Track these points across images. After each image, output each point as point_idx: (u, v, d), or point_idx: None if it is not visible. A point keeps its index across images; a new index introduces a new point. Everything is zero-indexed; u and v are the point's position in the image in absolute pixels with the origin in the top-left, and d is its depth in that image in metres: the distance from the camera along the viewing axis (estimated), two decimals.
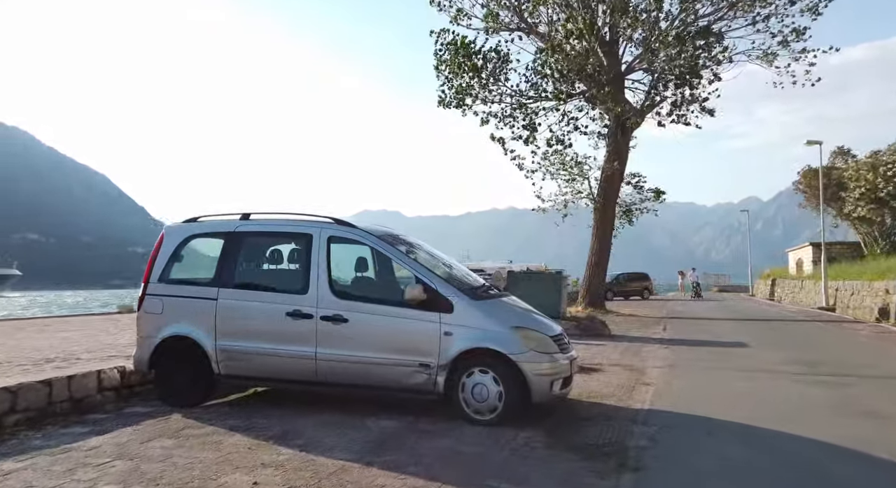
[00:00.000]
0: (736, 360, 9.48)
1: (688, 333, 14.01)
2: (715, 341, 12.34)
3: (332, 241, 5.64)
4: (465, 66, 19.28)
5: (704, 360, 9.48)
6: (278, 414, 5.43)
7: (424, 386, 5.26)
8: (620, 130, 19.85)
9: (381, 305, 5.38)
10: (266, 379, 5.68)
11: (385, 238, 5.69)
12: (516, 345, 5.16)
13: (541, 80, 19.45)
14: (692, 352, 10.50)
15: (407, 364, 5.25)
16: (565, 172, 21.21)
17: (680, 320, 18.35)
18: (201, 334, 5.63)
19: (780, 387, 7.16)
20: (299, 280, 5.59)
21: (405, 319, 5.31)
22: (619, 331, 14.09)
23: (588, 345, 11.35)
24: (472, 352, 5.19)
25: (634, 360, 9.41)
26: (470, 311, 5.29)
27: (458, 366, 5.20)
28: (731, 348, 11.09)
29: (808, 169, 31.07)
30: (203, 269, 5.89)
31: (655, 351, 10.68)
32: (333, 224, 5.76)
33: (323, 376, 5.44)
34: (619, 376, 7.89)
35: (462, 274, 6.42)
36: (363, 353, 5.33)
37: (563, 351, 5.50)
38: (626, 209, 22.21)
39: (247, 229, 5.93)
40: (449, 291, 5.34)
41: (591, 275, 20.53)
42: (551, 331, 5.55)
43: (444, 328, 5.23)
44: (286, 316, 5.46)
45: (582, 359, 9.37)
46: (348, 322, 5.38)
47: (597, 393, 6.73)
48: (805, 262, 34.66)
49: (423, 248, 6.58)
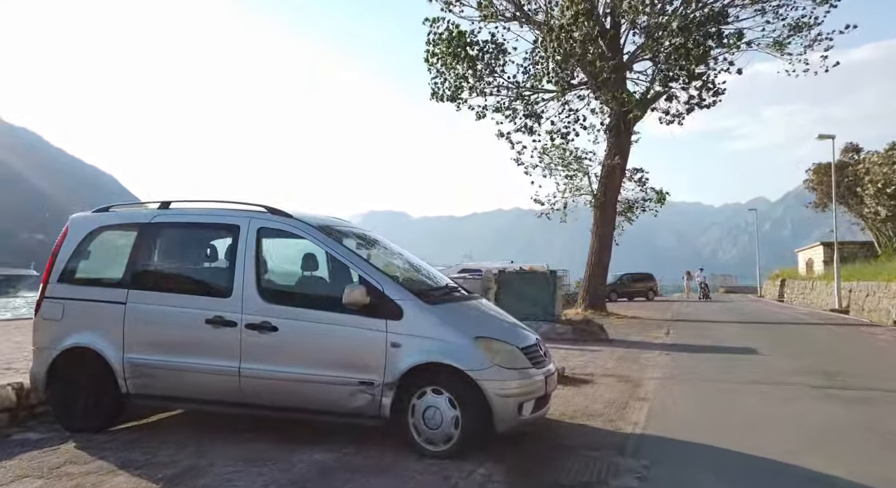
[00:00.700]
0: (745, 370, 8.52)
1: (692, 338, 13.03)
2: (721, 347, 11.36)
3: (262, 234, 4.74)
4: (459, 57, 18.39)
5: (709, 370, 8.52)
6: (196, 443, 4.53)
7: (367, 410, 4.36)
8: (622, 124, 18.88)
9: (318, 311, 4.47)
10: (182, 399, 4.77)
11: (326, 229, 4.78)
12: (477, 359, 4.25)
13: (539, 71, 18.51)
14: (696, 360, 9.54)
15: (346, 382, 4.35)
16: (564, 168, 20.26)
17: (685, 323, 17.36)
18: (106, 345, 4.74)
19: (797, 404, 6.20)
20: (223, 280, 4.70)
21: (344, 327, 4.40)
22: (617, 335, 13.13)
23: (582, 351, 10.41)
24: (424, 367, 4.28)
25: (631, 370, 8.46)
26: (423, 318, 4.38)
27: (407, 385, 4.30)
28: (739, 355, 10.12)
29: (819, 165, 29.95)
30: (113, 268, 4.99)
31: (655, 358, 9.73)
32: (265, 213, 4.86)
33: (248, 396, 4.54)
34: (611, 389, 6.96)
35: (425, 274, 5.52)
36: (294, 369, 4.44)
37: (536, 365, 4.57)
38: (627, 206, 21.24)
39: (164, 220, 5.03)
40: (398, 293, 4.43)
41: (592, 275, 19.58)
42: (523, 342, 4.63)
43: (391, 338, 4.33)
44: (205, 323, 4.57)
45: (572, 368, 8.46)
46: (278, 331, 4.48)
47: (582, 411, 5.79)
48: (816, 262, 33.54)
49: (380, 244, 5.68)
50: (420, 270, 5.58)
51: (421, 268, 5.61)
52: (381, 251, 5.63)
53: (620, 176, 19.71)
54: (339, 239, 4.80)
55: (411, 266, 5.63)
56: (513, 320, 5.13)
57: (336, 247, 4.64)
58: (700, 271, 35.09)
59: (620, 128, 18.90)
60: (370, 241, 5.57)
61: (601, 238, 19.47)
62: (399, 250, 5.76)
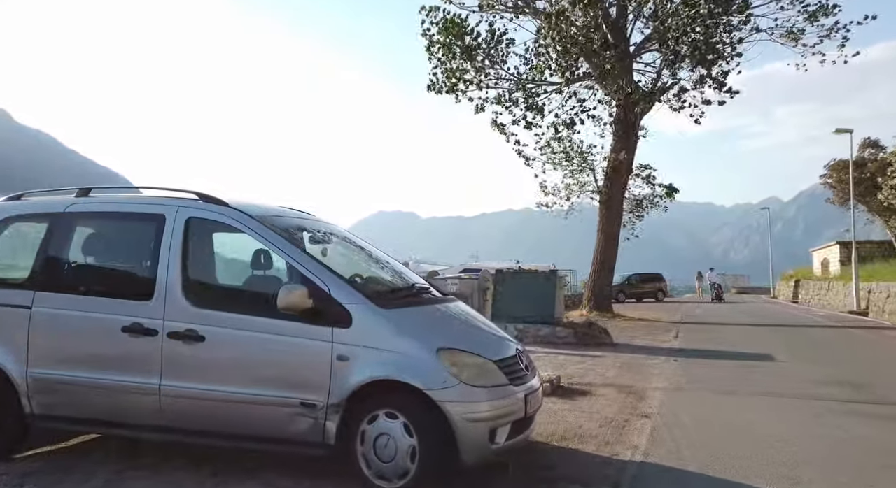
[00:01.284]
0: (762, 380, 7.69)
1: (703, 342, 12.19)
2: (735, 352, 10.52)
3: (192, 225, 4.01)
4: (455, 47, 17.63)
5: (721, 379, 7.70)
6: (106, 474, 3.80)
7: (308, 436, 3.62)
8: (628, 117, 18.03)
9: (252, 317, 3.74)
10: (94, 422, 4.03)
11: (267, 220, 4.03)
12: (438, 376, 3.49)
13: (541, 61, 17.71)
14: (707, 368, 8.72)
15: (284, 402, 3.62)
16: (568, 162, 19.42)
17: (694, 325, 16.49)
18: (8, 357, 4.02)
19: (824, 424, 5.38)
20: (143, 280, 3.97)
21: (282, 337, 3.66)
22: (622, 339, 12.31)
23: (582, 357, 9.62)
24: (376, 385, 3.54)
25: (634, 379, 7.67)
26: (376, 325, 3.63)
27: (355, 407, 3.56)
28: (754, 362, 9.28)
29: (836, 161, 28.86)
30: (19, 266, 4.29)
31: (662, 365, 8.92)
32: (197, 200, 4.13)
33: (170, 419, 3.81)
34: (611, 403, 6.17)
35: (390, 273, 4.78)
36: (223, 387, 3.70)
37: (515, 381, 3.81)
38: (635, 203, 20.37)
39: (79, 210, 4.31)
40: (347, 295, 3.68)
41: (597, 275, 18.76)
42: (497, 353, 3.87)
43: (338, 349, 3.58)
44: (122, 331, 3.84)
45: (569, 377, 7.67)
46: (204, 341, 3.75)
47: (574, 431, 5.02)
48: (831, 262, 32.42)
49: (342, 239, 4.93)
50: (385, 268, 4.84)
51: (388, 265, 4.87)
52: (341, 246, 4.88)
53: (627, 171, 18.86)
54: (284, 231, 4.05)
55: (376, 263, 4.88)
56: (490, 326, 4.37)
57: (277, 241, 3.90)
58: (711, 271, 34.07)
59: (627, 121, 18.05)
60: (328, 236, 4.82)
61: (607, 236, 18.63)
62: (364, 245, 5.01)
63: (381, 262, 4.90)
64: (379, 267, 4.88)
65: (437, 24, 17.81)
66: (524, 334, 11.85)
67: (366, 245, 5.04)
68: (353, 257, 4.91)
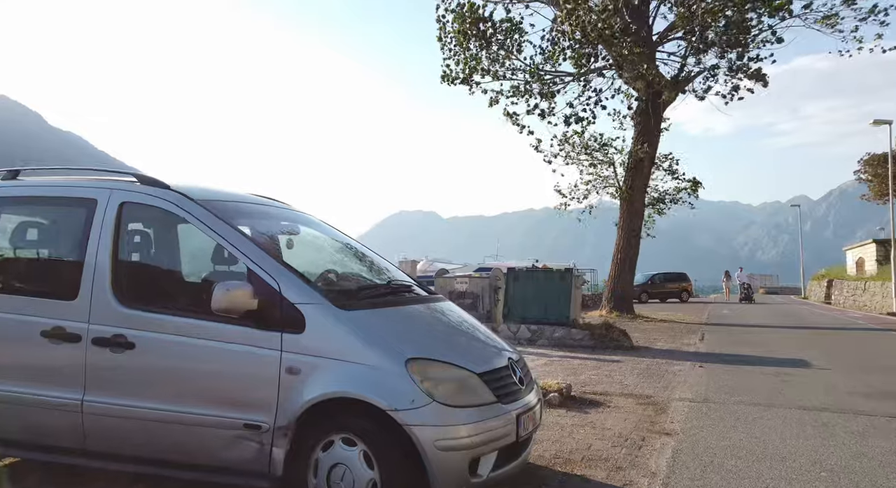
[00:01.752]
0: (799, 390, 6.89)
1: (730, 345, 11.33)
2: (767, 358, 9.67)
3: (127, 211, 3.42)
4: (471, 34, 16.94)
5: (753, 389, 6.90)
6: None
7: (252, 464, 3.00)
8: (651, 107, 17.14)
9: (190, 319, 3.13)
10: (8, 443, 3.46)
11: (216, 206, 3.41)
12: (407, 392, 2.84)
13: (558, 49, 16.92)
14: (736, 375, 7.91)
15: (223, 423, 3.01)
16: (587, 156, 18.58)
17: (722, 327, 15.57)
18: None
19: (875, 447, 4.60)
20: (68, 276, 3.39)
21: (222, 344, 3.06)
22: (643, 342, 11.52)
23: (598, 362, 8.88)
24: (332, 404, 2.91)
25: (655, 387, 6.92)
26: (333, 329, 3.00)
27: (307, 431, 2.94)
28: (789, 369, 8.44)
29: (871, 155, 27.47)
30: None
31: (686, 372, 8.14)
32: (135, 183, 3.54)
33: (94, 442, 3.22)
34: (627, 417, 5.46)
35: (365, 268, 4.16)
36: (154, 404, 3.10)
37: (505, 397, 3.14)
38: (658, 198, 19.44)
39: (4, 194, 3.76)
40: (301, 294, 3.05)
41: (618, 274, 17.89)
42: (483, 364, 3.20)
43: (288, 360, 2.96)
44: (41, 336, 3.27)
45: (582, 385, 6.96)
46: (135, 348, 3.16)
47: (582, 452, 4.33)
48: (867, 261, 30.93)
49: (312, 227, 4.30)
50: (363, 264, 4.21)
51: (367, 260, 4.24)
52: (312, 239, 4.27)
53: (649, 165, 17.96)
54: (235, 219, 3.43)
55: (354, 258, 4.26)
56: (480, 330, 3.70)
57: (221, 229, 3.28)
58: (740, 271, 32.75)
59: (649, 112, 17.16)
60: (296, 226, 4.20)
61: (628, 233, 17.76)
62: (342, 238, 4.38)
63: (361, 257, 4.27)
64: (356, 262, 4.26)
65: (453, 11, 17.15)
66: (537, 336, 11.15)
67: (344, 237, 4.41)
68: (325, 251, 4.30)
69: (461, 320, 3.76)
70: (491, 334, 3.77)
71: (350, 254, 4.29)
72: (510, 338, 11.27)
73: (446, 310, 3.81)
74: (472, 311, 12.25)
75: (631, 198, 17.70)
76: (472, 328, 3.70)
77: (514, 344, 11.29)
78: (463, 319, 3.80)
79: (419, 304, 3.69)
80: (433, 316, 3.63)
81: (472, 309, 12.28)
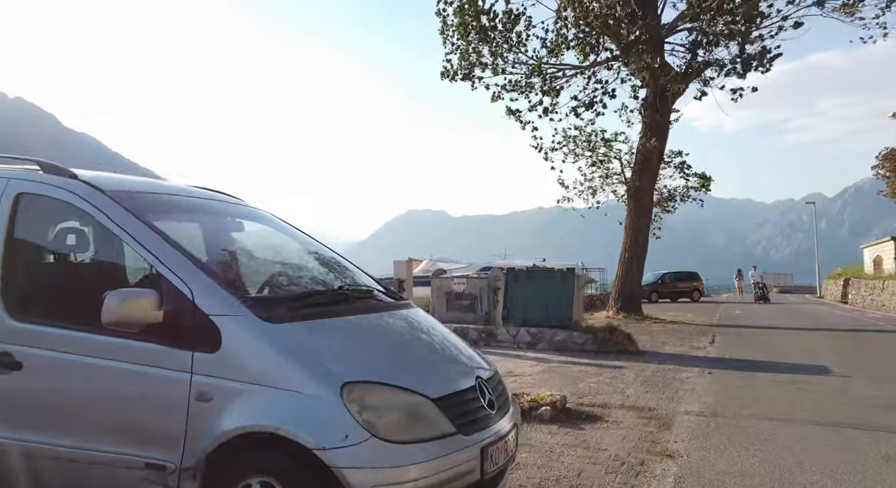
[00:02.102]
0: (818, 401, 6.29)
1: (743, 349, 10.70)
2: (782, 364, 9.04)
3: (24, 203, 2.91)
4: (472, 27, 16.39)
5: (767, 401, 6.31)
6: None
7: None
8: (658, 100, 16.49)
9: (87, 334, 2.61)
10: None
11: (129, 199, 2.88)
12: (339, 426, 2.30)
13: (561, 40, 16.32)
14: (748, 383, 7.31)
15: (123, 462, 2.49)
16: (591, 152, 17.96)
17: (734, 329, 14.90)
18: None
19: None
20: None
21: (121, 364, 2.54)
22: (650, 345, 10.93)
23: (600, 368, 8.31)
24: (250, 439, 2.38)
25: (659, 398, 6.35)
26: (257, 346, 2.46)
27: (221, 472, 2.41)
28: (807, 377, 7.81)
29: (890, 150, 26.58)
30: None
31: (695, 379, 7.55)
32: (37, 171, 3.04)
33: None
34: (626, 434, 4.89)
35: (315, 268, 3.64)
36: (43, 437, 2.59)
37: (468, 427, 2.59)
38: (666, 195, 18.77)
39: None
40: (219, 303, 2.52)
41: (625, 273, 17.27)
42: (442, 386, 2.64)
43: (199, 384, 2.43)
44: None
45: (579, 395, 6.40)
46: (22, 369, 2.66)
47: (571, 480, 3.77)
48: (886, 260, 30.02)
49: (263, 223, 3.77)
50: (316, 263, 3.69)
51: (320, 259, 3.71)
52: (253, 236, 3.74)
53: (657, 160, 17.31)
54: (154, 214, 2.90)
55: (302, 257, 3.74)
56: (449, 343, 3.16)
57: (131, 226, 2.75)
58: (754, 270, 31.79)
59: (657, 105, 16.51)
60: (239, 223, 3.67)
61: (635, 231, 17.13)
62: (295, 233, 3.83)
63: (317, 258, 3.74)
64: (310, 263, 3.74)
65: (451, 3, 16.62)
66: (538, 339, 10.60)
67: (300, 235, 3.87)
68: (272, 251, 3.78)
69: (427, 331, 3.21)
70: (464, 347, 3.22)
71: (303, 254, 3.76)
72: (509, 342, 10.72)
73: (411, 318, 3.27)
74: (470, 313, 11.70)
75: (638, 194, 17.07)
76: (439, 340, 3.15)
77: (514, 347, 10.76)
78: (430, 329, 3.25)
79: (375, 313, 3.15)
80: (390, 327, 3.09)
81: (470, 311, 11.75)
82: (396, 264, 11.62)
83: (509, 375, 7.75)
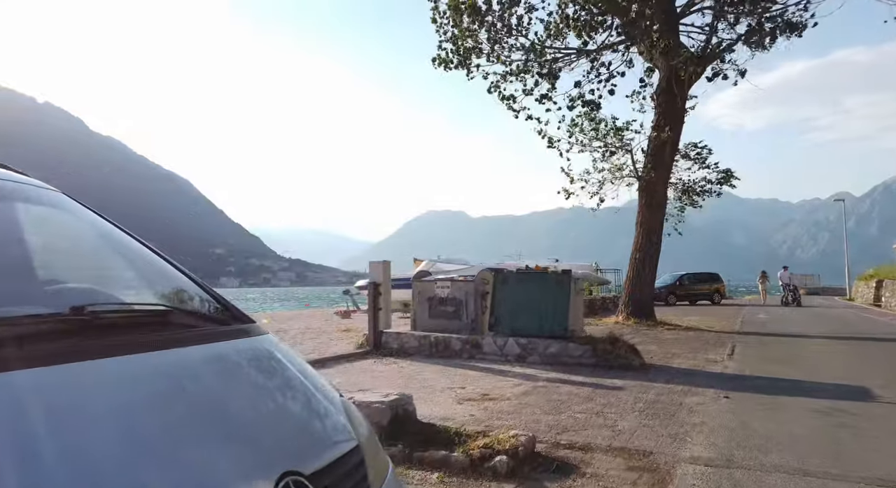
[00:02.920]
0: (863, 442, 4.88)
1: (768, 363, 9.25)
2: (814, 384, 7.60)
3: None
4: (464, 9, 15.12)
5: (797, 443, 4.92)
6: None
7: None
8: (673, 86, 15.04)
9: None
10: None
11: None
12: None
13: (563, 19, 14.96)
14: (773, 415, 5.91)
15: None
16: (600, 142, 16.55)
17: (757, 338, 13.38)
18: None
19: None
20: None
21: None
22: (658, 358, 9.55)
23: (594, 389, 6.98)
24: None
25: (659, 436, 5.00)
26: None
27: None
28: (845, 404, 6.37)
29: None
30: None
31: (706, 407, 6.18)
32: None
33: None
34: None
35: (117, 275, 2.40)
36: None
37: None
38: (683, 189, 17.28)
39: None
40: None
41: (636, 275, 15.85)
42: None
43: None
44: None
45: (559, 431, 5.08)
46: None
47: None
48: None
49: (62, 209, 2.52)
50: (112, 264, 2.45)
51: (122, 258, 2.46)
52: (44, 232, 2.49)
53: (672, 151, 15.85)
54: None
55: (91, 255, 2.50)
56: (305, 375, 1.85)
57: None
58: (784, 270, 29.75)
59: (672, 90, 15.06)
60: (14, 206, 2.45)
61: (647, 229, 15.69)
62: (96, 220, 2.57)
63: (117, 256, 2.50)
64: (102, 264, 2.50)
65: None
66: (529, 351, 9.27)
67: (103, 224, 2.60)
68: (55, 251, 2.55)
69: (258, 379, 1.88)
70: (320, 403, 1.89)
71: (96, 250, 2.52)
72: (496, 355, 9.40)
73: (232, 358, 1.93)
74: (455, 321, 10.41)
75: (650, 189, 15.62)
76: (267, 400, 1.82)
77: (500, 361, 9.41)
78: (271, 372, 1.91)
79: (172, 349, 1.80)
80: (178, 376, 1.77)
81: (455, 318, 10.47)
82: (372, 265, 10.38)
83: (483, 399, 6.47)
